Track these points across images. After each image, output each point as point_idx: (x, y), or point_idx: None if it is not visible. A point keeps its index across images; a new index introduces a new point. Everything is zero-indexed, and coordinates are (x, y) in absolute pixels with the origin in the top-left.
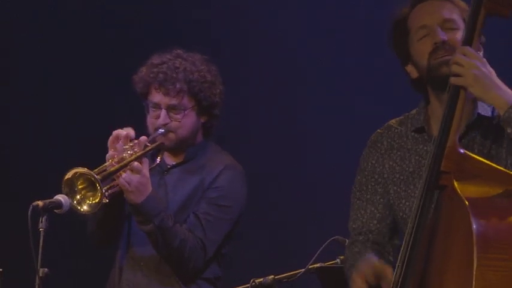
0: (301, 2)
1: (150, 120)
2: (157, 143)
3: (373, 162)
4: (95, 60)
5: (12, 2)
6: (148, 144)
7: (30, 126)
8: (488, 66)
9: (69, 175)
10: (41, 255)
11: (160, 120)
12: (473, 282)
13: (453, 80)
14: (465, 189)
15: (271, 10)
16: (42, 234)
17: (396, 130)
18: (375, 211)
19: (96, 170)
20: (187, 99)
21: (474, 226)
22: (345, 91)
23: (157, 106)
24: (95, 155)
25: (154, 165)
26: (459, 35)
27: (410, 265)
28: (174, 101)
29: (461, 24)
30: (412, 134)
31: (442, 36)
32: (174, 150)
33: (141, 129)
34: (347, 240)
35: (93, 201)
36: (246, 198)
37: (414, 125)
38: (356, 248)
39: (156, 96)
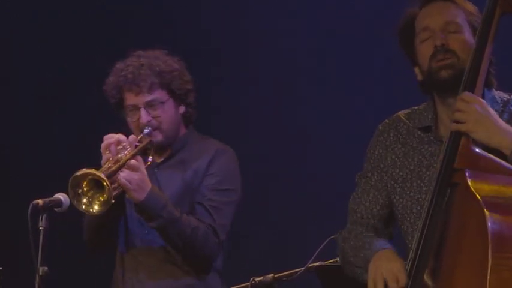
0: (301, 2)
1: (132, 125)
2: (147, 140)
3: (380, 151)
4: (96, 60)
5: (13, 3)
6: (138, 144)
7: (30, 126)
8: (489, 108)
9: (73, 178)
10: (41, 253)
11: (143, 120)
12: (488, 281)
13: (455, 127)
14: (478, 187)
15: (271, 10)
16: (42, 232)
17: (404, 124)
18: (379, 196)
19: (85, 171)
20: (161, 92)
21: (489, 225)
22: (345, 91)
23: (135, 107)
24: (95, 155)
25: (147, 165)
26: (462, 37)
27: (422, 261)
28: (149, 97)
29: (466, 27)
30: (419, 132)
31: (443, 39)
32: (161, 147)
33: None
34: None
35: (103, 199)
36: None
37: (422, 123)
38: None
39: (131, 98)
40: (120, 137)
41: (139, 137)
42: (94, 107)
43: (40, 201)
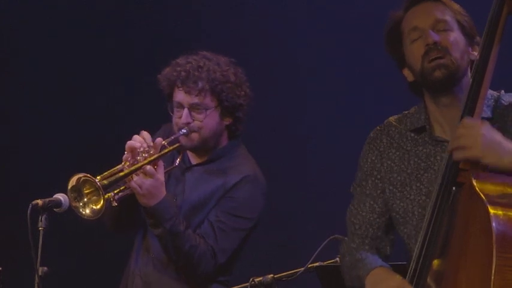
0: (301, 2)
1: (174, 121)
2: (174, 146)
3: (373, 158)
4: (96, 61)
5: (13, 3)
6: (167, 146)
7: (30, 126)
8: (492, 130)
9: (75, 179)
10: (41, 254)
11: (183, 120)
12: (492, 282)
13: (461, 154)
14: (483, 188)
15: (271, 10)
16: (41, 233)
17: (396, 129)
18: (375, 205)
19: (108, 172)
20: (210, 99)
21: (494, 225)
22: (345, 91)
23: (180, 105)
24: (96, 155)
25: (172, 167)
26: (452, 35)
27: (426, 261)
28: (196, 100)
29: (455, 26)
30: (412, 134)
31: (434, 37)
32: (197, 151)
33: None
34: (345, 239)
35: (95, 207)
36: (263, 211)
37: (413, 124)
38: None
39: (179, 95)
40: (148, 139)
41: (173, 137)
42: (96, 107)
43: (40, 202)
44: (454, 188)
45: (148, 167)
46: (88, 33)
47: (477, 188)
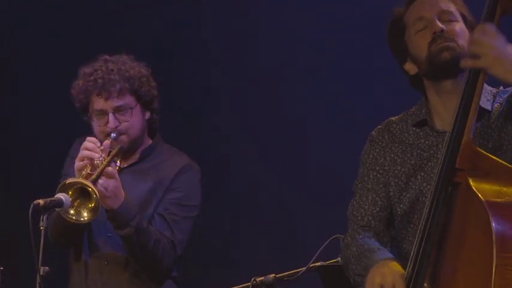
0: (301, 2)
1: (98, 129)
2: (118, 147)
3: (375, 154)
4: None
5: (13, 3)
6: (111, 149)
7: (30, 126)
8: (506, 43)
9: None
10: (42, 253)
11: (111, 125)
12: (493, 281)
13: (472, 63)
14: (480, 188)
15: (271, 10)
16: (42, 232)
17: (397, 126)
18: (377, 198)
19: (73, 180)
20: (130, 98)
21: (493, 225)
22: (345, 91)
23: (103, 112)
24: None
25: (116, 169)
26: (458, 26)
27: (423, 262)
28: (119, 102)
29: (459, 17)
30: (413, 128)
31: (441, 25)
32: (125, 152)
33: None
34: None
35: (92, 206)
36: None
37: (415, 119)
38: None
39: (100, 103)
40: (97, 143)
41: (109, 143)
42: None
43: (41, 201)
44: (450, 188)
45: (109, 168)
46: (88, 33)
47: (474, 188)
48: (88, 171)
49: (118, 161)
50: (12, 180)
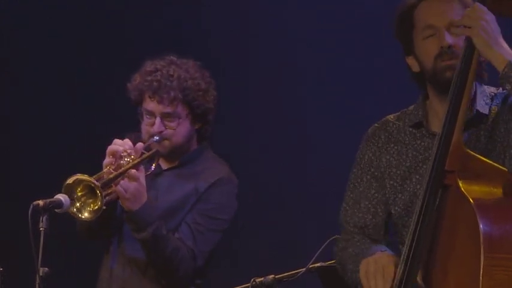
0: (301, 2)
1: (144, 128)
2: (153, 151)
3: (370, 155)
4: (97, 61)
5: (13, 3)
6: (144, 152)
7: (30, 126)
8: (496, 25)
9: (69, 181)
10: (42, 254)
11: (155, 128)
12: (481, 282)
13: (461, 30)
14: (469, 189)
15: (271, 10)
16: (42, 233)
17: (394, 125)
18: (369, 205)
19: (94, 176)
20: (182, 107)
21: (481, 226)
22: (345, 91)
23: (152, 114)
24: (95, 156)
25: (149, 172)
26: None
27: (414, 264)
28: (168, 109)
29: None
30: (410, 129)
31: (449, 39)
32: (168, 156)
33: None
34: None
35: (94, 208)
36: (236, 212)
37: (412, 120)
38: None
39: (150, 104)
40: (128, 143)
41: (145, 144)
42: (96, 108)
43: (40, 202)
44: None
45: (133, 170)
46: (88, 33)
47: (463, 190)
48: (111, 169)
49: (154, 165)
50: (12, 180)
